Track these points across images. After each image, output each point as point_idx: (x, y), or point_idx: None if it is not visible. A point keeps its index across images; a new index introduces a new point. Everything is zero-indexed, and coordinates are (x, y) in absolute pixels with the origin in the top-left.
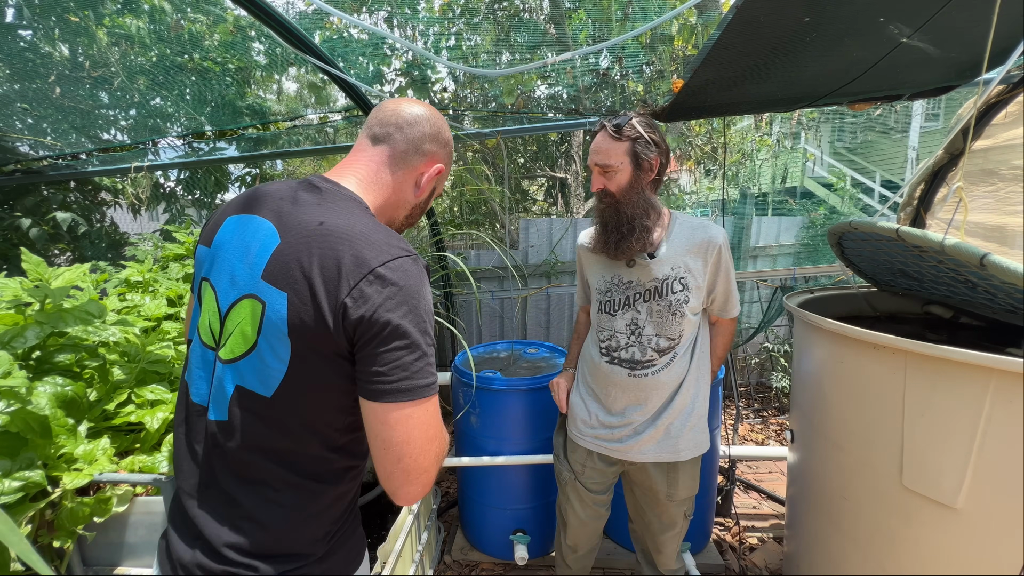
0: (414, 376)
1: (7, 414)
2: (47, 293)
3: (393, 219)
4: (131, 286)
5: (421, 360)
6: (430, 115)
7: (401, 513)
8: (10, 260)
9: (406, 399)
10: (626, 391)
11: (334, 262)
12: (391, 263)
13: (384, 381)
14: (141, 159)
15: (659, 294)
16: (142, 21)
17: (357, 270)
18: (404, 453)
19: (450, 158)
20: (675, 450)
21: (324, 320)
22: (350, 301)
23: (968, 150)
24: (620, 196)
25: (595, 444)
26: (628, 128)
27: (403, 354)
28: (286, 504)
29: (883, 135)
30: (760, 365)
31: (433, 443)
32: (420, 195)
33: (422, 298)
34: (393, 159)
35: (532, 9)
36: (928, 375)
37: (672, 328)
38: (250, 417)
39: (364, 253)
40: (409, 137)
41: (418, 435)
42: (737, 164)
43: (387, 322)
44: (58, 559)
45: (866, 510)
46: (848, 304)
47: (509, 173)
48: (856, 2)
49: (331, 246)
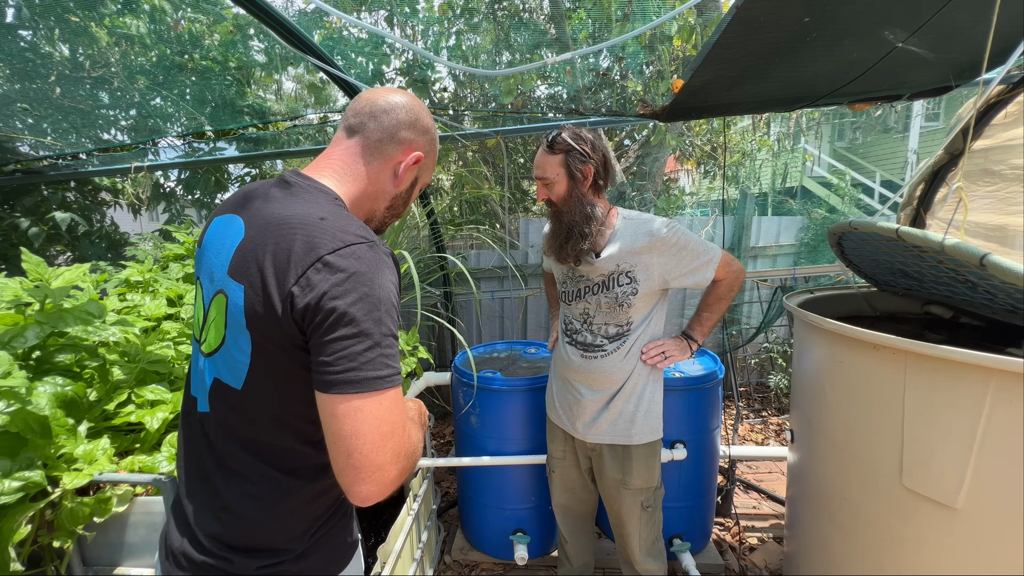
0: (363, 367)
1: (7, 414)
2: (47, 293)
3: (373, 211)
4: (131, 286)
5: (373, 351)
6: (407, 102)
7: (401, 513)
8: (10, 260)
9: (354, 391)
10: (579, 371)
11: (285, 251)
12: (342, 250)
13: (330, 371)
14: (141, 159)
15: (606, 287)
16: (142, 21)
17: (306, 257)
18: (354, 448)
19: (432, 145)
20: (628, 434)
21: (274, 309)
22: (297, 289)
23: (968, 150)
24: (561, 205)
25: (560, 422)
26: (560, 142)
27: (350, 343)
28: (263, 498)
29: (883, 135)
30: (760, 365)
31: (389, 440)
32: (399, 185)
33: (376, 286)
34: (367, 149)
35: (532, 9)
36: (928, 375)
37: (620, 317)
38: (226, 409)
39: (315, 240)
40: (383, 126)
41: (368, 430)
42: (737, 164)
43: (332, 309)
44: (58, 559)
45: (866, 510)
46: (848, 304)
47: (509, 173)
48: (856, 2)
49: (284, 236)
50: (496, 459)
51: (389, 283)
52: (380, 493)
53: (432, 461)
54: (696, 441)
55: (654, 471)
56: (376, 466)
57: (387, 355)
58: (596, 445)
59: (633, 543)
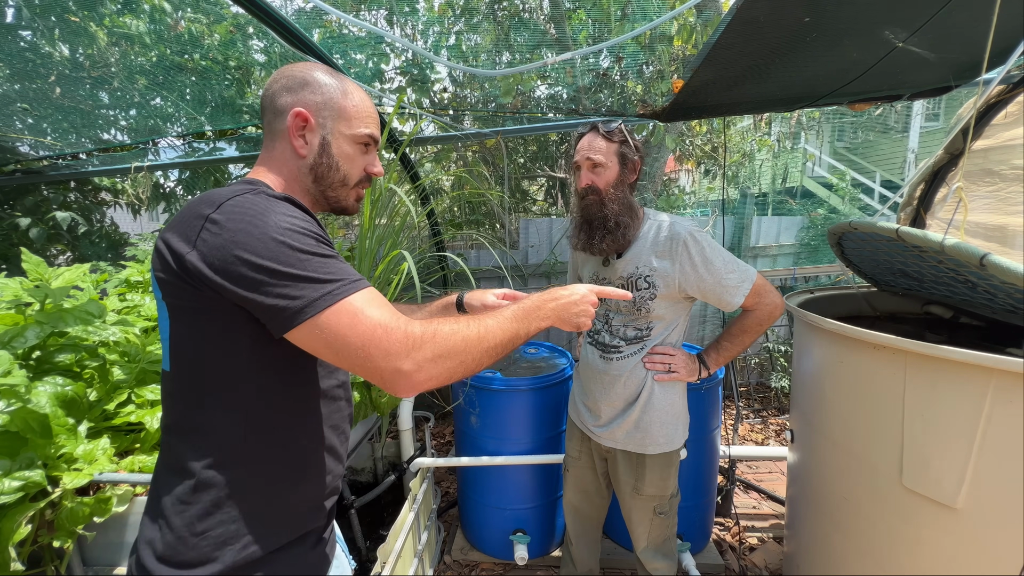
0: (303, 295)
1: (7, 414)
2: (47, 293)
3: (306, 191)
4: (131, 286)
5: (299, 281)
6: (284, 69)
7: (401, 513)
8: (10, 260)
9: (305, 317)
10: (597, 372)
11: (182, 222)
12: (223, 205)
13: (275, 314)
14: (141, 159)
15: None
16: (142, 21)
17: (196, 222)
18: (349, 364)
19: (321, 93)
20: (642, 443)
21: (177, 275)
22: (195, 254)
23: (968, 150)
24: (606, 192)
25: (579, 422)
26: (618, 131)
27: (275, 285)
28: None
29: (883, 135)
30: (760, 365)
31: (370, 347)
32: (305, 155)
33: (267, 223)
34: (267, 134)
35: (532, 9)
36: (928, 375)
37: (640, 321)
38: (165, 397)
39: (202, 209)
40: (266, 106)
41: (344, 345)
42: (737, 164)
43: (235, 260)
44: (58, 559)
45: (866, 510)
46: (848, 304)
47: (509, 173)
48: (856, 2)
49: (183, 213)
50: (496, 459)
51: (283, 213)
52: (412, 384)
53: (432, 461)
54: (696, 441)
55: (669, 480)
56: (375, 370)
57: (308, 276)
58: (611, 449)
59: (640, 543)
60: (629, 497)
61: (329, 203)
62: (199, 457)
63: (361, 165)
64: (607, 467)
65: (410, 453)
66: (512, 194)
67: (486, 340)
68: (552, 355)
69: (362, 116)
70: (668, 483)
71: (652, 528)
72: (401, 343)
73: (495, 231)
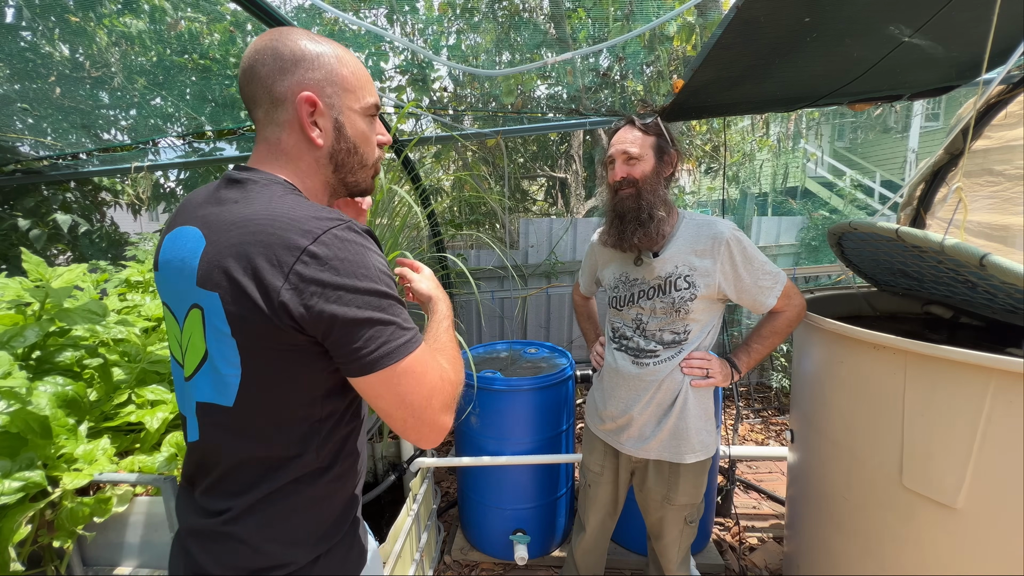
0: (389, 340)
1: (7, 414)
2: (48, 293)
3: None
4: (131, 286)
5: (388, 326)
6: (262, 48)
7: (401, 514)
8: (10, 260)
9: (387, 364)
10: (630, 379)
11: (263, 250)
12: (323, 236)
13: (357, 357)
14: (141, 159)
15: (662, 291)
16: (142, 21)
17: (288, 253)
18: (404, 415)
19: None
20: (678, 452)
21: (262, 311)
22: (288, 288)
23: (968, 150)
24: (642, 184)
25: (604, 435)
26: (654, 124)
27: (366, 326)
28: (261, 512)
29: (883, 135)
30: (760, 365)
31: (434, 396)
32: (321, 143)
33: (365, 266)
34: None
35: (532, 9)
36: (928, 375)
37: (677, 324)
38: (218, 431)
39: (290, 236)
40: (259, 96)
41: (412, 393)
42: (737, 164)
43: (332, 316)
44: (58, 559)
45: (866, 510)
46: (848, 304)
47: (509, 173)
48: (857, 2)
49: (255, 234)
50: (496, 459)
51: (375, 254)
52: (442, 437)
53: (432, 461)
54: None
55: (702, 488)
56: (431, 422)
57: (398, 322)
58: (642, 460)
59: (671, 553)
60: (658, 508)
61: (348, 189)
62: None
63: (374, 139)
64: (631, 477)
65: (410, 453)
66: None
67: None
68: (552, 355)
69: (363, 83)
70: (701, 491)
71: (683, 538)
72: (452, 396)
73: (495, 231)
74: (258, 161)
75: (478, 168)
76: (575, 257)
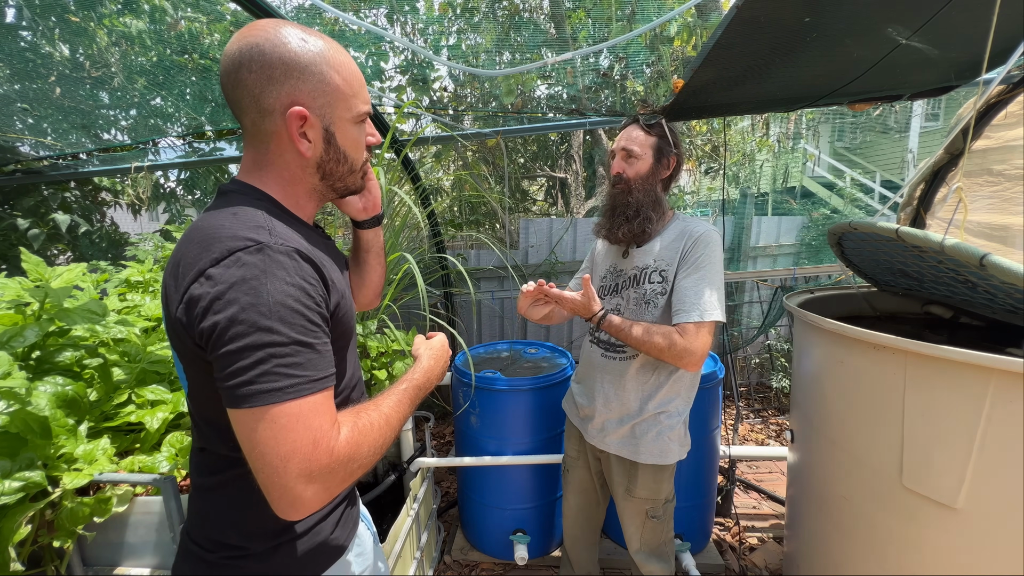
0: (254, 381)
1: (7, 414)
2: (47, 293)
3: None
4: (131, 286)
5: (265, 363)
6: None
7: (401, 514)
8: (10, 260)
9: (247, 405)
10: (597, 370)
11: (180, 265)
12: (226, 259)
13: (225, 387)
14: (141, 159)
15: (636, 282)
16: (142, 21)
17: (191, 272)
18: (258, 468)
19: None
20: (635, 451)
21: (170, 325)
22: (183, 306)
23: (968, 150)
24: (634, 182)
25: (577, 423)
26: (657, 125)
27: (237, 358)
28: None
29: (883, 135)
30: (760, 365)
31: (292, 460)
32: (310, 155)
33: (263, 292)
34: (256, 135)
35: (532, 9)
36: (928, 375)
37: (647, 318)
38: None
39: (201, 254)
40: (245, 104)
41: (266, 450)
42: (737, 164)
43: (214, 325)
44: (58, 559)
45: (866, 510)
46: (848, 304)
47: (509, 173)
48: (857, 2)
49: (184, 249)
50: (496, 459)
51: (284, 284)
52: (299, 512)
53: (432, 461)
54: (696, 441)
55: (662, 486)
56: (281, 487)
57: (285, 364)
58: (604, 451)
59: (634, 544)
60: (622, 499)
61: (337, 192)
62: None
63: (363, 143)
64: (600, 467)
65: (410, 453)
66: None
67: (387, 443)
68: (553, 355)
69: (356, 89)
70: (661, 488)
71: (644, 531)
72: (327, 469)
73: (495, 231)
74: (244, 170)
75: (478, 168)
76: (575, 257)
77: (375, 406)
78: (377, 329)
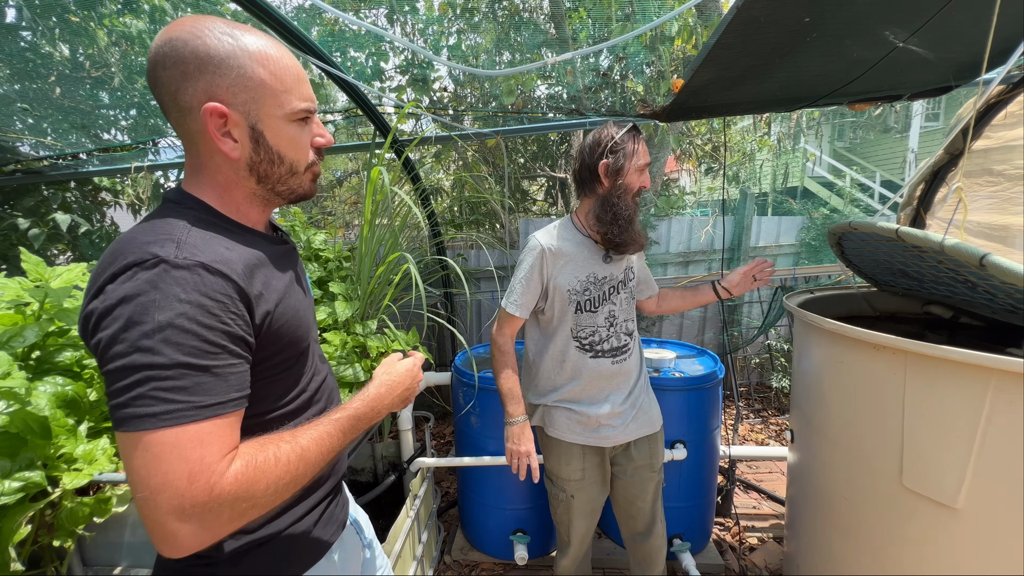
0: (130, 404)
1: (7, 414)
2: (47, 293)
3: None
4: None
5: (140, 386)
6: (164, 43)
7: (401, 514)
8: (10, 260)
9: (121, 429)
10: (610, 380)
11: (90, 280)
12: (122, 275)
13: (108, 406)
14: (141, 159)
15: (624, 284)
16: (142, 22)
17: (93, 286)
18: (134, 495)
19: (229, 71)
20: (651, 421)
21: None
22: (81, 322)
23: (968, 150)
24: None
25: (585, 438)
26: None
27: (115, 378)
28: None
29: (883, 135)
30: (760, 365)
31: (162, 493)
32: (237, 155)
33: (150, 310)
34: (183, 136)
35: (532, 9)
36: (928, 375)
37: (632, 311)
38: None
39: (106, 268)
40: (165, 102)
41: (137, 478)
42: (737, 164)
43: (97, 343)
44: (58, 559)
45: (866, 510)
46: (848, 304)
47: (509, 173)
48: (857, 2)
49: (98, 264)
50: (496, 459)
51: (176, 302)
52: (175, 551)
53: (432, 461)
54: (696, 441)
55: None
56: (152, 521)
57: (164, 389)
58: (621, 444)
59: (659, 526)
60: (647, 479)
61: (282, 197)
62: None
63: (307, 142)
64: (614, 469)
65: (410, 453)
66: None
67: (298, 479)
68: None
69: (289, 84)
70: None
71: (658, 503)
72: (203, 507)
73: (495, 231)
74: (185, 177)
75: (478, 168)
76: None
77: (291, 437)
78: (377, 329)
